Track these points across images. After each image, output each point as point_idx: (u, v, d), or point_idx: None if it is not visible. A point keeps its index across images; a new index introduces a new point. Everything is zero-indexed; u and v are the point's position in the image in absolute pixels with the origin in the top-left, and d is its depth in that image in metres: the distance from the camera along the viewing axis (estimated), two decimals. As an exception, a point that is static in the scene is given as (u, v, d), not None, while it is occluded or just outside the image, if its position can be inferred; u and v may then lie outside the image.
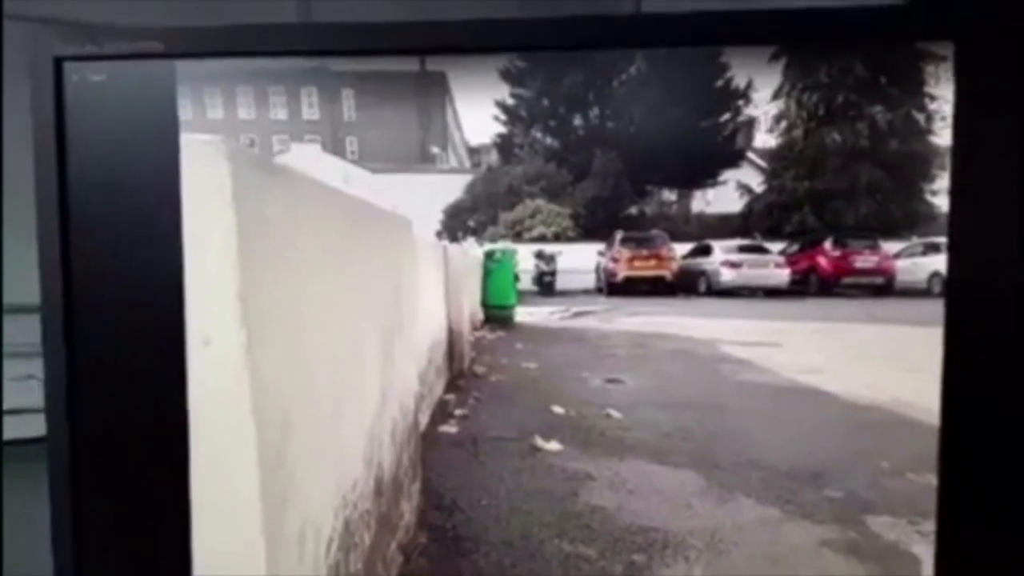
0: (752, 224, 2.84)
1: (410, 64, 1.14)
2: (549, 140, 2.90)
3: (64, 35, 0.92)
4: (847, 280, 2.58)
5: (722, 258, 2.79)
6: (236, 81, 1.61)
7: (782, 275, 2.69)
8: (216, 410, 0.78)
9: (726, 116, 2.62)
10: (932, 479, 0.93)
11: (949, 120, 0.91)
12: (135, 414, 0.93)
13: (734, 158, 2.78)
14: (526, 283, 2.81)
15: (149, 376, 0.91)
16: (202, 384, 0.80)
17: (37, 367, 0.94)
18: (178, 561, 0.87)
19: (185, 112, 0.92)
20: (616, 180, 2.84)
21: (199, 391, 0.81)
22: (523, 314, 2.66)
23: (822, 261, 2.64)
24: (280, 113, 1.88)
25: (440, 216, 2.60)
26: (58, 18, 1.04)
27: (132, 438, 0.93)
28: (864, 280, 2.56)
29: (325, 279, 1.00)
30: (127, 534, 0.94)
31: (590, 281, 3.02)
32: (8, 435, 1.50)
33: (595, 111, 2.73)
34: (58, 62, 0.93)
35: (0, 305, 1.47)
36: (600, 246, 3.00)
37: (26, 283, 0.95)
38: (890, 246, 2.51)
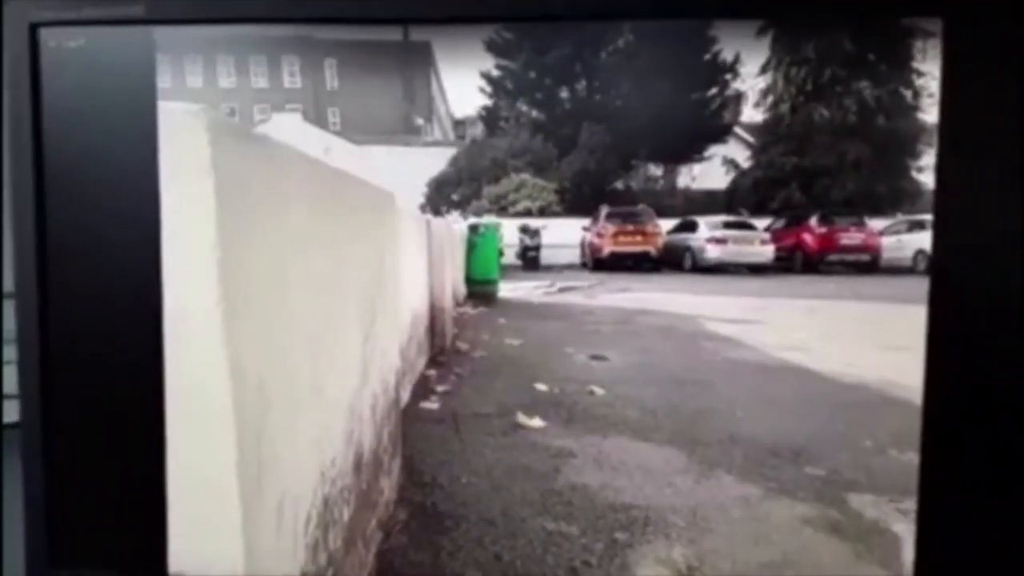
0: (738, 200, 2.85)
1: (394, 33, 1.12)
2: (535, 113, 2.90)
3: (40, 0, 0.91)
4: (832, 257, 2.60)
5: (707, 234, 2.80)
6: (217, 49, 1.59)
7: (767, 252, 2.70)
8: (193, 380, 0.76)
9: (713, 90, 2.62)
10: (914, 457, 0.92)
11: (936, 97, 0.90)
12: (112, 386, 0.92)
13: (721, 133, 2.79)
14: (510, 257, 2.81)
15: (127, 347, 0.90)
16: (179, 357, 0.78)
17: (13, 353, 0.93)
18: (154, 538, 0.86)
19: (164, 80, 0.91)
20: (602, 154, 2.84)
21: (176, 364, 0.80)
22: (507, 289, 2.66)
23: (808, 238, 2.65)
24: (261, 82, 1.87)
25: (424, 189, 2.60)
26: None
27: (108, 411, 0.92)
28: (850, 257, 2.57)
29: (306, 252, 0.99)
30: (102, 509, 0.93)
31: (575, 256, 3.02)
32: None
33: (582, 84, 2.73)
34: (34, 28, 0.91)
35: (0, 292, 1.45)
36: (585, 221, 3.00)
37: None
38: (876, 223, 2.53)
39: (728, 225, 2.77)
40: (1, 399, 1.47)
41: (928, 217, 0.92)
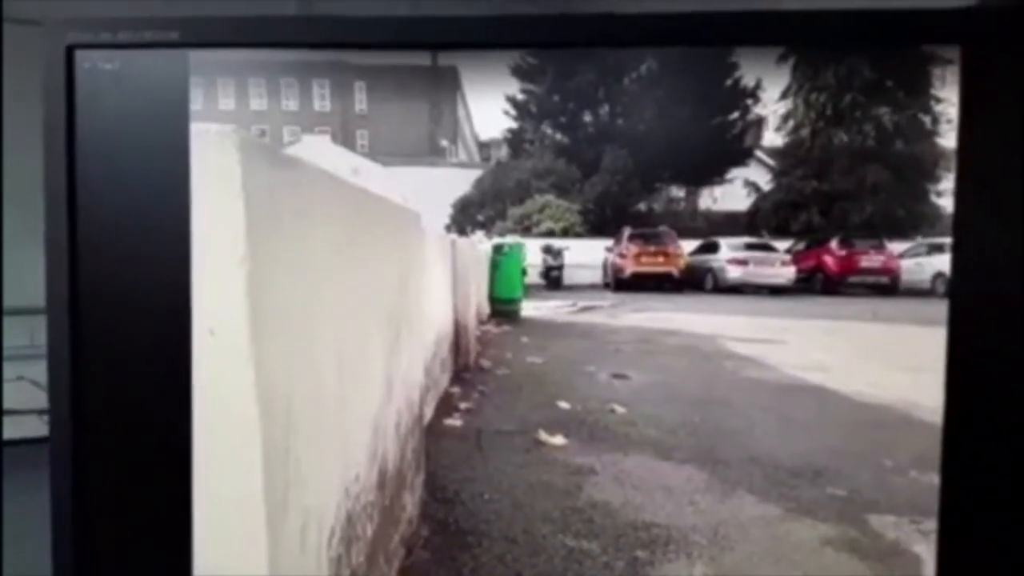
0: (759, 222, 2.84)
1: (422, 58, 1.15)
2: (559, 136, 2.90)
3: (76, 23, 0.93)
4: (852, 279, 2.58)
5: (729, 255, 2.79)
6: (248, 72, 1.61)
7: (788, 273, 2.69)
8: (220, 400, 0.78)
9: (735, 115, 2.61)
10: (935, 478, 0.93)
11: (954, 123, 0.91)
12: (139, 404, 0.93)
13: (742, 156, 2.78)
14: (533, 277, 2.81)
15: (154, 366, 0.91)
16: (207, 375, 0.80)
17: (27, 369, 0.95)
18: (179, 552, 0.88)
19: (197, 102, 0.93)
20: (625, 177, 2.84)
21: (203, 382, 0.81)
22: (529, 308, 2.66)
23: (828, 260, 2.64)
24: (292, 104, 1.89)
25: (449, 210, 2.60)
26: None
27: (135, 429, 0.94)
28: (869, 279, 2.56)
29: (333, 270, 1.01)
30: (127, 524, 0.95)
31: (597, 276, 3.01)
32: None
33: (605, 108, 2.73)
34: (70, 50, 0.93)
35: (0, 307, 1.47)
36: (608, 242, 3.00)
37: (19, 286, 0.95)
38: (895, 246, 2.52)
39: (749, 247, 2.76)
40: (1, 415, 1.48)
41: (946, 240, 0.93)
